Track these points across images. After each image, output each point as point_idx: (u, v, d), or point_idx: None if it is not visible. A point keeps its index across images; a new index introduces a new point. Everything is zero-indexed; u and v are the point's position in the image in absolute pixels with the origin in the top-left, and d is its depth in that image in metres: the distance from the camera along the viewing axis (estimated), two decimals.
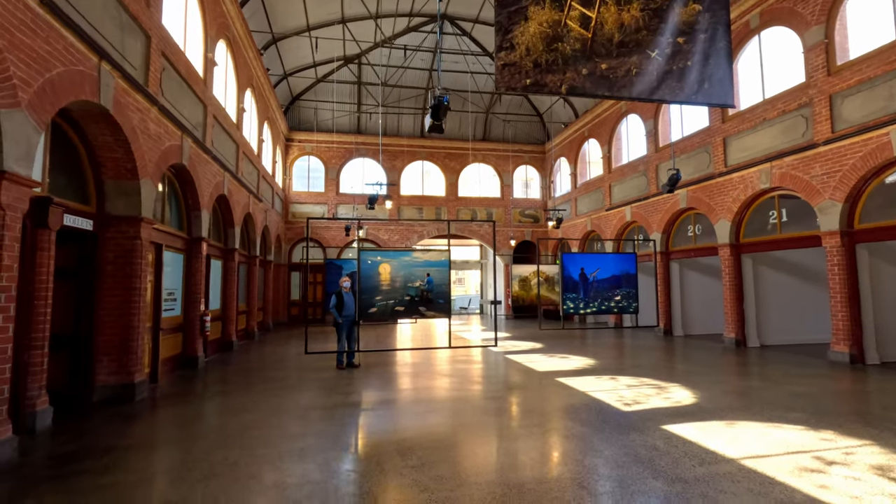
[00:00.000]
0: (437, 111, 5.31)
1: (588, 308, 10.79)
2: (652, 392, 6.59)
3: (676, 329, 13.84)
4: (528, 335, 14.22)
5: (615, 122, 16.67)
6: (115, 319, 6.44)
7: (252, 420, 5.38)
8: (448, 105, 5.34)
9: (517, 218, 22.13)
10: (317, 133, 20.25)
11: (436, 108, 5.30)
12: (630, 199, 15.53)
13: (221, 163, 10.38)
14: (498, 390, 6.88)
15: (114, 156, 6.31)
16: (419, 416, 5.54)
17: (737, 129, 11.22)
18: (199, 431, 5.00)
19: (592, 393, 6.58)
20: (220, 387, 7.31)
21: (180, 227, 8.96)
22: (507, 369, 8.65)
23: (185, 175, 8.59)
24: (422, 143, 21.30)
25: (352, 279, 8.25)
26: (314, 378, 7.85)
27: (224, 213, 11.52)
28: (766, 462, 3.96)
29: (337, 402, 6.18)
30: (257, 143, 14.71)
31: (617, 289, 10.96)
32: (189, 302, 9.04)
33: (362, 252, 7.30)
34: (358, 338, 8.73)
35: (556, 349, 11.16)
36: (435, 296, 7.47)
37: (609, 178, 16.95)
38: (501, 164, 22.09)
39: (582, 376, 7.81)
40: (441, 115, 5.33)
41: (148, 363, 7.50)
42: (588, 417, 5.36)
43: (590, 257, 11.01)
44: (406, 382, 7.56)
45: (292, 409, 5.83)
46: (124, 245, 6.55)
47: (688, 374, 7.94)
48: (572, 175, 19.78)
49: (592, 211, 18.02)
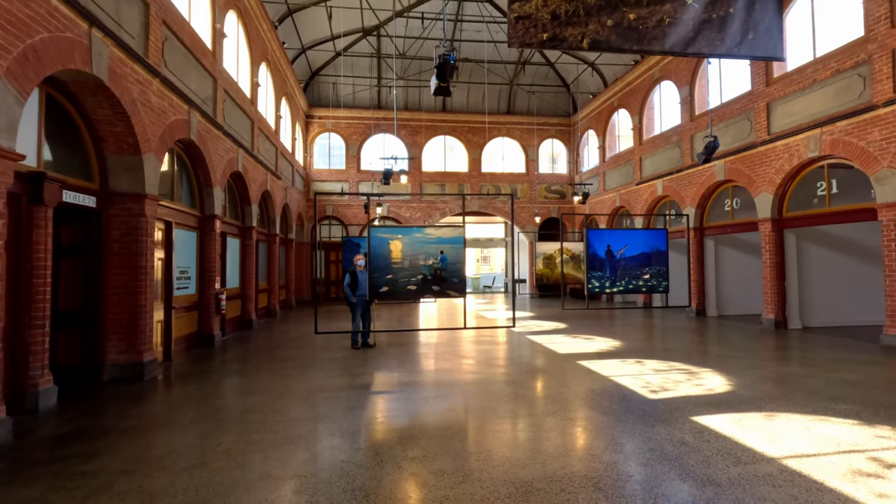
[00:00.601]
0: (442, 71, 4.82)
1: (615, 287, 10.22)
2: (681, 378, 6.10)
3: (710, 309, 13.12)
4: (552, 315, 13.76)
5: (647, 91, 15.67)
6: (123, 298, 6.34)
7: (255, 402, 5.19)
8: (455, 64, 4.83)
9: (542, 194, 21.42)
10: (337, 109, 19.89)
11: (441, 67, 4.79)
12: (662, 172, 14.66)
13: (235, 139, 10.16)
14: (515, 374, 6.51)
15: (114, 130, 6.10)
16: (428, 400, 5.24)
17: (782, 93, 10.26)
18: (199, 414, 4.83)
19: (616, 378, 6.14)
20: (232, 366, 7.19)
21: (192, 205, 8.82)
22: (527, 351, 8.27)
23: (195, 151, 8.39)
24: (443, 117, 20.69)
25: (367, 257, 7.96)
26: (327, 358, 7.66)
27: (240, 190, 11.37)
28: (813, 463, 3.48)
29: (345, 385, 5.94)
30: (275, 120, 14.46)
31: (646, 267, 10.34)
32: (204, 280, 8.96)
33: (373, 229, 6.97)
34: (373, 317, 8.49)
35: (580, 330, 10.70)
36: (449, 274, 7.10)
37: (640, 151, 16.05)
38: (526, 138, 21.30)
39: (606, 359, 7.36)
40: (448, 75, 4.84)
41: (161, 341, 7.45)
42: (610, 406, 4.94)
43: (617, 233, 10.39)
44: (419, 364, 7.28)
45: (298, 392, 5.62)
46: (129, 222, 6.39)
47: (722, 358, 7.38)
48: (600, 148, 18.88)
49: (621, 185, 17.18)
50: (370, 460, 3.61)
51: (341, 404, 5.08)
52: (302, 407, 5.00)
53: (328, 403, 5.12)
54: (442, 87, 5.09)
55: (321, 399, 5.30)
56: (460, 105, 21.08)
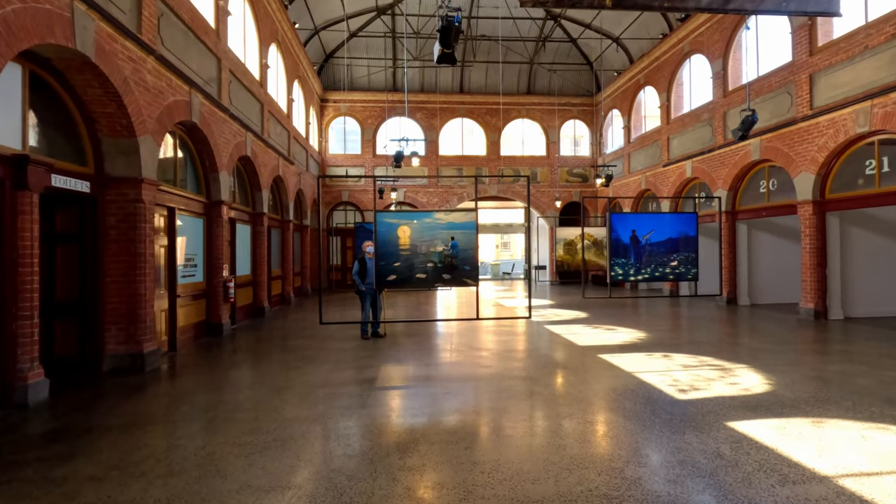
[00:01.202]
0: (446, 35, 4.30)
1: (639, 275, 9.64)
2: (714, 375, 5.58)
3: (741, 298, 12.40)
4: (572, 303, 13.22)
5: (676, 66, 14.76)
6: (121, 286, 6.11)
7: (251, 398, 4.89)
8: (460, 26, 4.33)
9: (564, 177, 20.68)
10: (351, 92, 19.47)
11: (445, 31, 4.28)
12: (691, 152, 13.83)
13: (242, 122, 9.84)
14: (531, 368, 6.08)
15: (106, 111, 5.81)
16: (435, 398, 4.86)
17: (828, 63, 9.38)
18: (191, 410, 4.55)
19: (641, 374, 5.65)
20: (236, 357, 6.95)
21: (198, 191, 8.56)
22: (545, 342, 7.82)
23: (199, 134, 8.09)
24: (460, 98, 20.06)
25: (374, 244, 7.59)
26: (335, 349, 7.36)
27: (250, 175, 11.10)
28: (876, 484, 2.97)
29: (348, 379, 5.61)
30: (286, 103, 14.13)
31: (673, 253, 9.71)
32: (211, 268, 8.74)
33: (379, 214, 6.56)
34: (383, 306, 8.15)
35: (601, 319, 10.17)
36: (460, 261, 6.67)
37: (667, 130, 15.19)
38: (547, 120, 20.52)
39: (629, 353, 6.86)
40: (452, 40, 4.33)
41: (165, 331, 7.26)
42: (634, 407, 4.47)
43: (642, 217, 9.77)
44: (429, 357, 6.91)
45: (298, 386, 5.31)
46: (126, 208, 6.13)
47: (758, 352, 6.79)
48: (625, 128, 18.02)
49: (647, 167, 16.36)
50: (363, 470, 3.25)
51: (341, 402, 4.74)
52: (300, 405, 4.68)
53: (328, 401, 4.79)
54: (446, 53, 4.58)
55: (321, 395, 4.97)
56: (478, 86, 20.40)
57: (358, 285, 7.89)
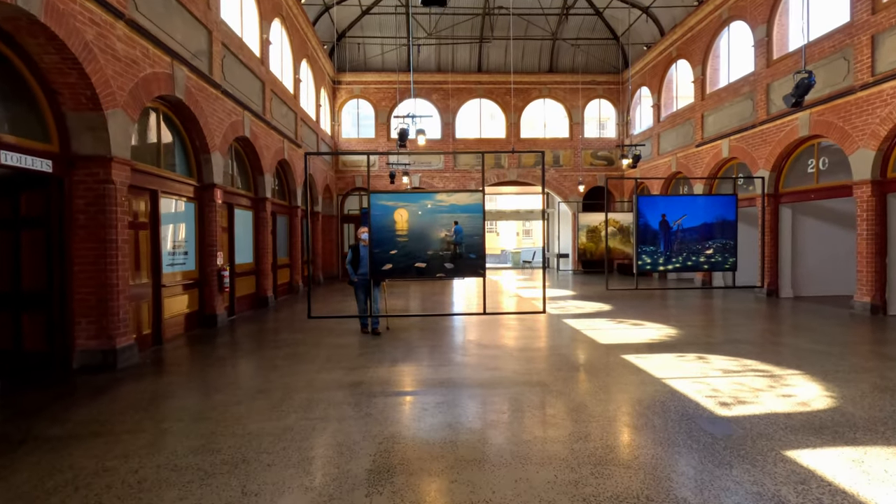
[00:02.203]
0: None
1: (670, 264, 8.69)
2: (761, 384, 4.70)
3: (784, 289, 11.27)
4: (595, 294, 12.32)
5: (712, 35, 13.48)
6: (91, 276, 5.57)
7: (218, 405, 4.28)
8: None
9: (588, 160, 19.57)
10: (364, 73, 18.73)
11: None
12: (729, 130, 12.63)
13: (239, 100, 9.23)
14: (544, 373, 5.31)
15: (67, 80, 5.22)
16: (425, 410, 4.15)
17: (894, 21, 8.14)
18: (144, 420, 3.96)
19: (672, 381, 4.81)
20: (220, 353, 6.39)
21: (188, 173, 8.00)
22: (563, 339, 7.02)
23: (186, 111, 7.49)
24: (478, 78, 19.09)
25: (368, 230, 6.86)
26: (329, 344, 6.73)
27: (250, 158, 10.52)
28: None
29: (332, 382, 4.95)
30: (293, 83, 13.48)
31: (709, 240, 8.71)
32: (204, 255, 8.20)
33: (373, 195, 5.84)
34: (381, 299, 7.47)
35: (626, 313, 9.28)
36: (465, 249, 5.90)
37: (702, 107, 13.97)
38: (570, 99, 19.38)
39: (659, 353, 6.00)
40: None
41: (148, 323, 6.75)
42: (665, 427, 3.67)
43: (674, 201, 8.78)
44: (429, 357, 6.20)
45: (276, 390, 4.68)
46: (95, 190, 5.57)
47: (810, 354, 5.85)
48: (655, 107, 16.79)
49: (679, 148, 15.17)
50: None
51: (316, 412, 4.08)
52: (269, 414, 4.03)
53: (301, 410, 4.13)
54: None
55: (297, 403, 4.32)
56: (497, 64, 19.37)
57: (350, 275, 7.21)
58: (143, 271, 6.63)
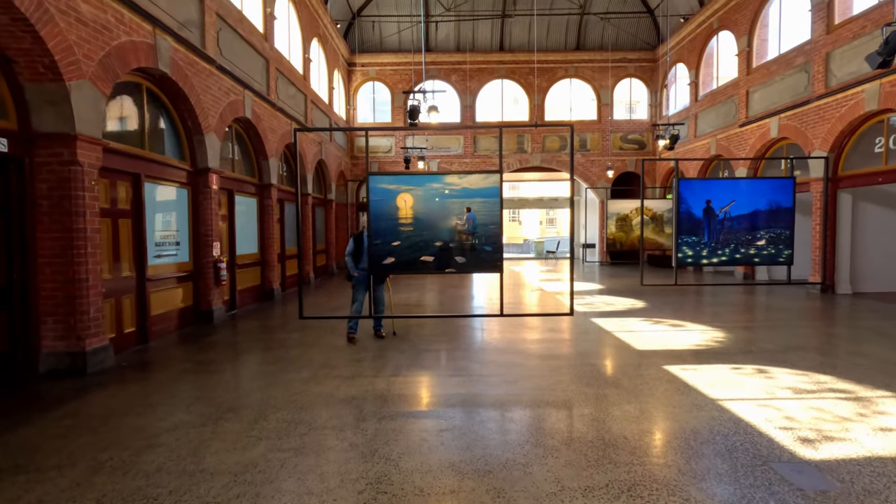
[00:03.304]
0: None
1: (714, 257, 7.68)
2: (846, 410, 3.75)
3: (841, 285, 10.07)
4: (626, 289, 11.32)
5: (761, 1, 12.12)
6: (57, 269, 4.96)
7: (179, 426, 3.59)
8: None
9: (617, 144, 18.35)
10: (380, 54, 17.88)
11: None
12: (779, 106, 11.36)
13: (238, 78, 8.53)
14: (569, 390, 4.46)
15: (21, 46, 4.55)
16: (425, 441, 3.36)
17: None
18: (86, 447, 3.29)
19: (732, 405, 3.90)
20: (207, 355, 5.73)
21: (180, 156, 7.35)
22: (591, 344, 6.14)
23: (172, 87, 6.81)
24: (500, 57, 18.01)
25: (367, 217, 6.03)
26: (328, 346, 6.01)
27: (253, 141, 9.85)
28: None
29: (321, 397, 4.21)
30: (302, 63, 12.74)
31: (760, 229, 7.66)
32: (199, 246, 7.58)
33: (372, 177, 5.03)
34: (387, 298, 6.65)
35: (663, 311, 8.30)
36: (479, 240, 5.07)
37: (747, 82, 12.66)
38: (599, 79, 18.14)
39: (708, 363, 5.08)
40: None
41: (132, 321, 6.15)
42: (734, 476, 2.79)
43: (721, 185, 7.73)
44: (437, 364, 5.41)
45: (251, 407, 3.97)
46: (59, 172, 4.93)
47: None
48: (692, 84, 15.46)
49: (719, 129, 13.89)
50: None
51: (292, 439, 3.34)
52: (234, 443, 3.31)
53: (274, 437, 3.40)
54: None
55: (271, 425, 3.59)
56: (520, 42, 18.25)
57: (350, 269, 6.21)
58: (124, 263, 6.01)
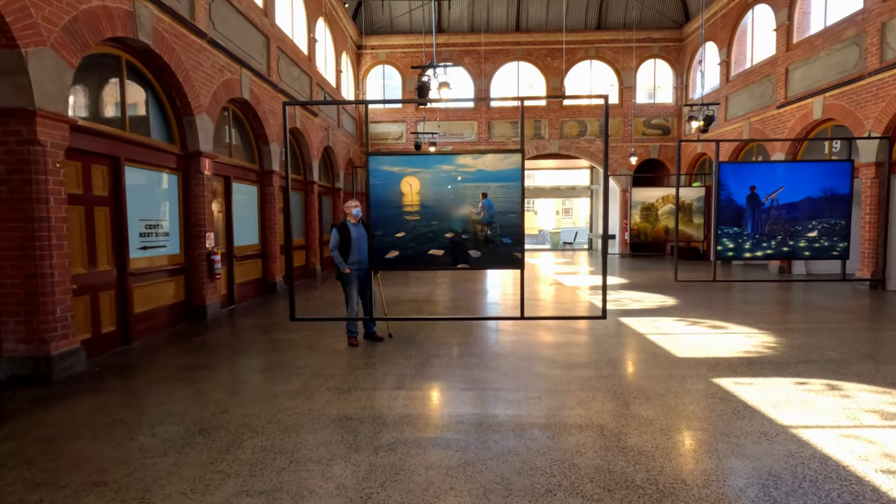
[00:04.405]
0: None
1: (759, 250, 6.87)
2: None
3: (892, 281, 9.16)
4: (653, 283, 10.52)
5: None
6: (17, 264, 4.39)
7: (135, 456, 2.98)
8: None
9: (640, 130, 17.39)
10: (391, 36, 17.11)
11: None
12: (823, 84, 10.37)
13: (234, 55, 7.89)
14: (604, 410, 3.75)
15: None
16: (429, 488, 2.70)
17: None
18: (16, 482, 2.70)
19: (808, 434, 3.17)
20: (190, 359, 5.14)
21: (168, 139, 6.74)
22: (622, 349, 5.41)
23: (156, 61, 6.17)
24: (516, 38, 17.11)
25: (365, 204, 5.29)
26: (326, 350, 5.38)
27: (252, 124, 9.21)
28: None
29: (310, 416, 3.57)
30: (307, 43, 12.05)
31: (812, 219, 6.82)
32: (190, 236, 7.00)
33: (372, 158, 4.34)
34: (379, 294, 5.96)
35: (698, 310, 7.52)
36: (496, 231, 4.37)
37: (786, 59, 11.64)
38: (621, 60, 17.15)
39: (766, 376, 4.32)
40: None
41: (112, 320, 5.59)
42: None
43: (768, 169, 6.89)
44: (447, 373, 4.74)
45: (226, 429, 3.35)
46: (18, 153, 4.33)
47: None
48: (723, 64, 14.43)
49: (753, 111, 12.90)
50: None
51: (265, 478, 2.70)
52: (194, 481, 2.68)
53: (245, 473, 2.76)
54: None
55: (245, 456, 2.96)
56: (537, 22, 17.31)
57: (338, 266, 5.37)
58: (101, 256, 5.43)
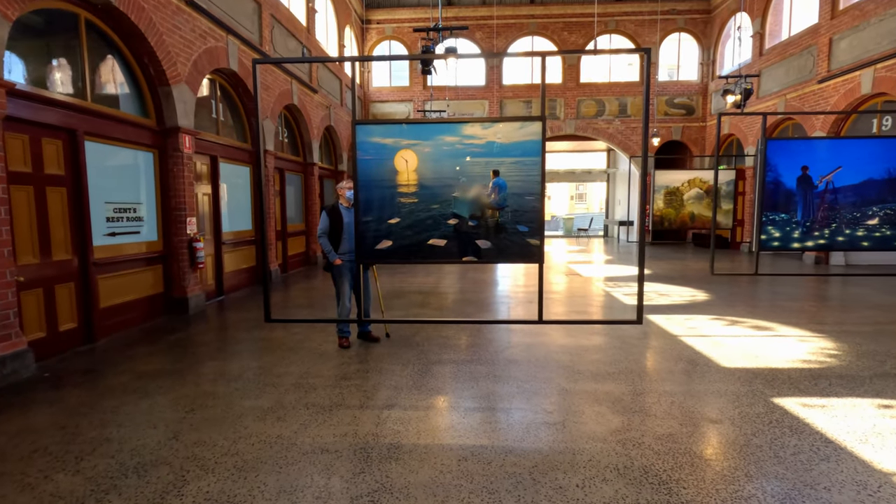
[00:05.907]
0: None
1: (810, 240, 6.01)
2: None
3: None
4: (678, 274, 9.68)
5: None
6: None
7: None
8: None
9: (662, 109, 16.35)
10: (397, 9, 16.15)
11: None
12: (874, 55, 9.32)
13: (218, 20, 7.12)
14: (639, 440, 3.01)
15: None
16: None
17: None
18: None
19: None
20: (153, 364, 4.48)
21: (142, 112, 6.03)
22: (653, 356, 4.65)
23: (122, 21, 5.43)
24: (531, 11, 16.06)
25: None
26: (311, 352, 4.70)
27: (243, 99, 8.46)
28: None
29: (278, 446, 2.88)
30: (306, 12, 11.21)
31: (872, 204, 5.95)
32: (169, 222, 6.33)
33: (360, 127, 3.57)
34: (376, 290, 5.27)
35: (735, 306, 6.70)
36: (510, 217, 3.60)
37: (830, 28, 10.56)
38: (643, 34, 16.03)
39: (837, 395, 3.54)
40: None
41: (74, 316, 4.95)
42: None
43: (824, 146, 6.00)
44: (449, 387, 4.03)
45: (166, 467, 2.67)
46: None
47: None
48: (756, 36, 13.30)
49: (789, 87, 11.84)
50: None
51: None
52: None
53: None
54: None
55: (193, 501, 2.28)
56: None
57: (328, 257, 4.72)
58: (57, 244, 4.77)
